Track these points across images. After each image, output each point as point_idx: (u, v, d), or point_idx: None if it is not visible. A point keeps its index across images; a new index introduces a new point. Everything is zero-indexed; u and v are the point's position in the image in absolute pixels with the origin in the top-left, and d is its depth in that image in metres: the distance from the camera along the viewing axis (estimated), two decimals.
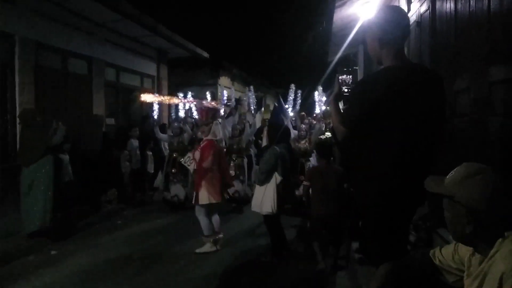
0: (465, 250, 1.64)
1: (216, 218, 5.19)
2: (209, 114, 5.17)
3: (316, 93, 8.39)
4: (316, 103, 8.26)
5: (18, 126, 6.00)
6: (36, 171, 5.46)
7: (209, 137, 5.08)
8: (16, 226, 5.60)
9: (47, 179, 5.50)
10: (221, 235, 5.19)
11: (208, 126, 5.08)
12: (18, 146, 5.77)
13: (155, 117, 8.02)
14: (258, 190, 4.78)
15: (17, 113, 6.01)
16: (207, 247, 5.11)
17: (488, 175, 1.49)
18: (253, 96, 8.64)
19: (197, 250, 5.08)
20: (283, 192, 4.65)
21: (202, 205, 4.98)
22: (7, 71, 6.05)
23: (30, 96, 6.33)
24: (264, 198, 4.67)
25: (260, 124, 9.55)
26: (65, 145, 6.37)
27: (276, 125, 5.29)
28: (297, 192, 6.42)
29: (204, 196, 4.93)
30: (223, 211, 7.16)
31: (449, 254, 1.76)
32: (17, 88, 6.12)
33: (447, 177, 1.58)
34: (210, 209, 5.09)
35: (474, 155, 3.42)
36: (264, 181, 4.68)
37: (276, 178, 4.65)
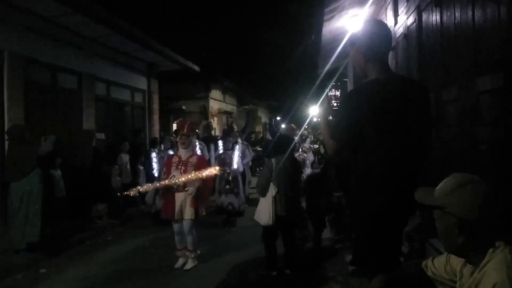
0: (457, 261, 1.64)
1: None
2: (190, 127, 5.18)
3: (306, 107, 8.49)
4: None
5: (6, 142, 5.94)
6: (25, 186, 5.39)
7: (190, 149, 5.16)
8: (4, 243, 5.50)
9: (34, 193, 5.43)
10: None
11: (189, 139, 5.13)
12: (6, 162, 5.69)
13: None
14: (260, 201, 4.82)
15: (5, 129, 5.95)
16: (193, 262, 5.09)
17: (478, 184, 1.51)
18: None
19: (187, 267, 5.03)
20: (286, 206, 4.61)
21: (191, 220, 4.95)
22: None
23: (20, 111, 6.27)
24: (261, 210, 4.71)
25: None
26: (56, 160, 6.31)
27: (270, 139, 5.35)
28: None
29: (194, 210, 4.91)
30: (215, 224, 7.15)
31: (441, 265, 1.75)
32: (5, 104, 6.07)
33: (437, 188, 1.58)
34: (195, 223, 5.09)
35: (463, 165, 3.45)
36: (261, 192, 4.72)
37: (273, 190, 4.63)
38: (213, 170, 5.00)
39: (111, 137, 9.26)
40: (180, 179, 4.79)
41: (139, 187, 5.05)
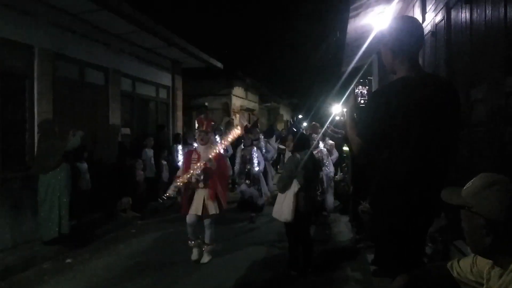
0: (484, 263, 1.61)
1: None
2: (209, 124, 5.24)
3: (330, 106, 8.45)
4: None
5: (36, 135, 6.12)
6: (51, 179, 5.56)
7: (209, 146, 5.17)
8: (32, 234, 5.68)
9: (62, 186, 5.59)
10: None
11: (208, 135, 5.18)
12: (35, 155, 5.87)
13: None
14: (279, 197, 4.77)
15: (35, 123, 6.13)
16: (209, 256, 5.18)
17: (506, 184, 1.48)
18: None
19: (203, 261, 5.12)
20: (306, 202, 4.60)
21: (213, 215, 5.01)
22: (26, 82, 6.18)
23: (48, 105, 6.45)
24: (283, 206, 4.65)
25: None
26: (83, 153, 6.47)
27: (295, 133, 5.34)
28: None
29: (216, 205, 4.98)
30: (234, 220, 7.20)
31: (467, 266, 1.72)
32: (35, 98, 6.24)
33: (464, 188, 1.56)
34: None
35: (490, 165, 3.38)
36: (283, 188, 4.66)
37: (296, 185, 4.60)
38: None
39: (136, 132, 9.42)
40: (197, 171, 4.85)
41: (175, 185, 5.05)
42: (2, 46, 5.72)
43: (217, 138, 7.79)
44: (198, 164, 4.95)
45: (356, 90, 3.15)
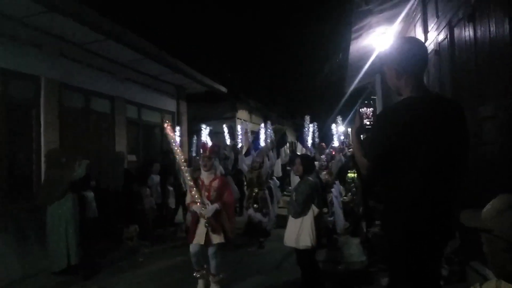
0: (508, 287, 1.55)
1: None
2: (212, 149, 5.19)
3: (334, 125, 8.43)
4: (335, 135, 8.24)
5: (43, 165, 6.13)
6: (58, 209, 5.52)
7: (212, 172, 5.11)
8: (40, 265, 5.61)
9: (69, 216, 5.55)
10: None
11: (211, 161, 5.10)
12: (41, 184, 5.87)
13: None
14: (293, 222, 4.53)
15: (42, 152, 6.16)
16: (216, 287, 4.97)
17: None
18: (270, 130, 8.68)
19: None
20: (318, 225, 4.49)
21: (218, 244, 4.86)
22: (33, 111, 6.25)
23: (55, 134, 6.49)
24: (301, 231, 4.41)
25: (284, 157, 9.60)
26: (90, 182, 6.46)
27: (308, 156, 5.26)
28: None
29: (221, 234, 4.84)
30: (241, 246, 7.08)
31: None
32: (42, 127, 6.30)
33: (484, 210, 1.51)
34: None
35: (504, 182, 3.31)
36: (300, 213, 4.44)
37: (314, 210, 4.44)
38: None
39: (141, 159, 9.43)
40: (206, 213, 4.74)
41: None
42: (9, 78, 5.80)
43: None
44: (202, 193, 4.89)
45: (361, 111, 3.13)
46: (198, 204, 4.79)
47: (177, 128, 8.73)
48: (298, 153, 8.39)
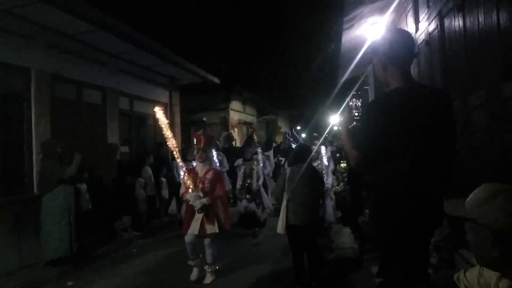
0: (491, 274, 1.59)
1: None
2: (206, 141, 5.19)
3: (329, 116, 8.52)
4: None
5: (34, 157, 6.10)
6: (52, 201, 5.52)
7: (207, 163, 5.17)
8: (34, 257, 5.62)
9: (62, 208, 5.55)
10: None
11: (206, 153, 5.15)
12: (38, 176, 5.87)
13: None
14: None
15: (34, 144, 6.12)
16: (212, 276, 5.05)
17: (510, 195, 1.46)
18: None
19: (206, 282, 5.00)
20: (297, 215, 4.56)
21: (212, 234, 4.92)
22: (23, 103, 6.19)
23: (47, 127, 6.44)
24: (279, 219, 4.76)
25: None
26: (83, 174, 6.45)
27: (285, 149, 5.38)
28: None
29: (215, 225, 4.90)
30: (236, 235, 7.13)
31: (474, 278, 1.70)
32: (33, 119, 6.25)
33: (468, 199, 1.54)
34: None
35: (490, 173, 3.36)
36: (277, 200, 4.86)
37: (285, 199, 4.68)
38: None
39: (134, 150, 9.40)
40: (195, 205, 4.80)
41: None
42: None
43: (214, 154, 7.77)
44: (197, 184, 4.91)
45: (350, 103, 3.16)
46: (192, 192, 4.82)
47: None
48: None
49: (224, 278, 5.13)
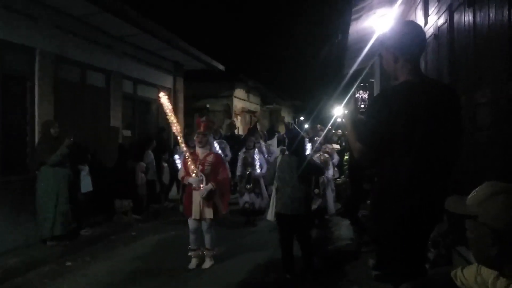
0: (488, 272, 1.58)
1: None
2: (206, 125, 5.22)
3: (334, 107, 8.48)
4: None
5: (36, 137, 6.11)
6: (42, 182, 5.60)
7: (207, 148, 5.19)
8: (33, 237, 5.67)
9: (59, 187, 5.61)
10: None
11: (206, 137, 5.17)
12: (35, 153, 5.92)
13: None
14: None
15: (36, 124, 6.13)
16: (210, 261, 5.11)
17: None
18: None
19: (204, 266, 5.06)
20: (284, 204, 4.60)
21: (210, 219, 4.98)
22: (27, 84, 6.17)
23: (49, 107, 6.43)
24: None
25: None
26: (86, 156, 6.46)
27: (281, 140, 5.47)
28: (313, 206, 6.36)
29: (212, 210, 4.94)
30: (236, 224, 7.17)
31: (472, 275, 1.69)
32: (36, 100, 6.23)
33: (469, 196, 1.52)
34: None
35: (495, 169, 3.34)
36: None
37: (274, 188, 4.87)
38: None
39: (137, 135, 9.40)
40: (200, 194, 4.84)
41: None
42: (3, 48, 5.71)
43: (216, 145, 7.76)
44: (197, 165, 4.94)
45: (357, 95, 3.12)
46: (194, 175, 4.86)
47: None
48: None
49: (222, 265, 5.17)
